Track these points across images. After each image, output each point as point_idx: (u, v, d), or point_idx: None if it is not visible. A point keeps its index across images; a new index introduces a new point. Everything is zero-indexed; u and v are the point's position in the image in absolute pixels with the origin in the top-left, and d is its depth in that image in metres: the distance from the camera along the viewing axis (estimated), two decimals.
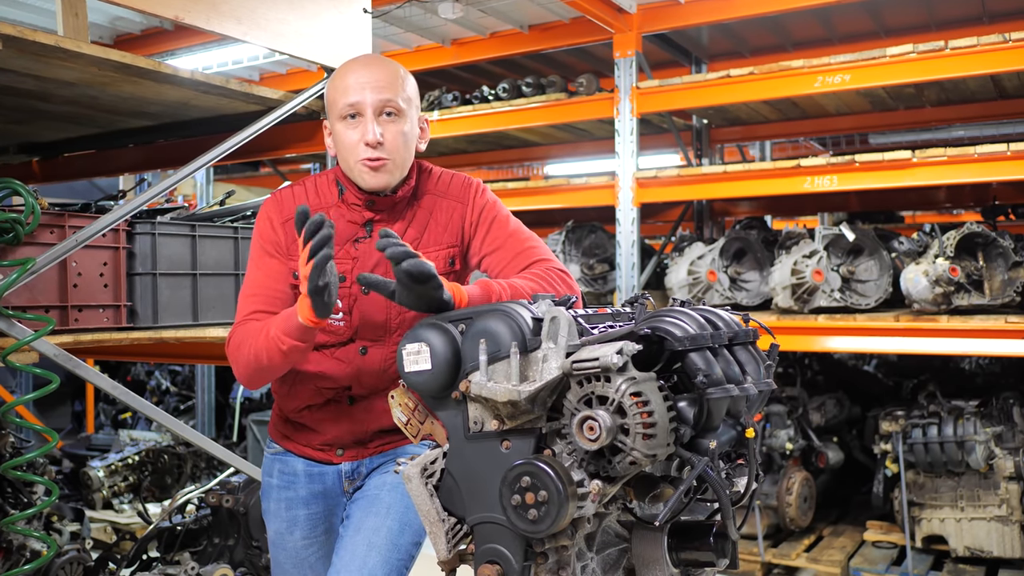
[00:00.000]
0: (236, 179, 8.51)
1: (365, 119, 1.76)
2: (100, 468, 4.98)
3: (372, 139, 1.74)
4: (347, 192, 1.84)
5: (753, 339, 1.47)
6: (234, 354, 1.77)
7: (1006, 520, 4.25)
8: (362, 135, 1.76)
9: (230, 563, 3.39)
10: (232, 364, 1.79)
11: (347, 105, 1.77)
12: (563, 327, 1.32)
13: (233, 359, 1.77)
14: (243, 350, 1.74)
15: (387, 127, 1.77)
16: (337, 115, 1.79)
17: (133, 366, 7.56)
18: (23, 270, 2.48)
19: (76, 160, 4.31)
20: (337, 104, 1.79)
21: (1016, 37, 3.84)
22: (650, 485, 1.43)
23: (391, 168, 1.78)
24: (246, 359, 1.74)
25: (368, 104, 1.76)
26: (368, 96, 1.76)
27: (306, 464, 1.93)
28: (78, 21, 2.56)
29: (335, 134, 1.82)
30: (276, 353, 1.68)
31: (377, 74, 1.78)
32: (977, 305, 4.11)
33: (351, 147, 1.77)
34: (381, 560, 1.76)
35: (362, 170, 1.78)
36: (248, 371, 1.75)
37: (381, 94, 1.76)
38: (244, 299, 1.83)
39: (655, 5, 4.85)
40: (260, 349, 1.70)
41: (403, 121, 1.80)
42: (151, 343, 3.06)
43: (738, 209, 6.12)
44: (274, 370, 1.74)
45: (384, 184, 1.79)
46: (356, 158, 1.77)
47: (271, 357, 1.69)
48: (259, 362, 1.71)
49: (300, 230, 1.54)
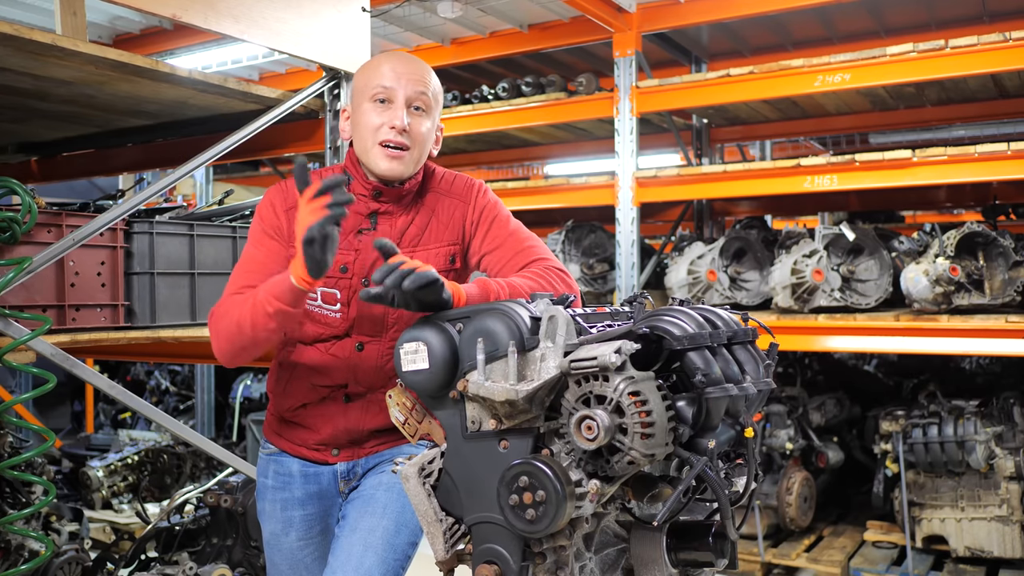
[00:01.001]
0: (236, 179, 8.50)
1: (395, 106, 1.78)
2: (99, 468, 4.97)
3: (400, 124, 1.76)
4: (354, 182, 1.84)
5: (752, 338, 1.46)
6: (216, 324, 1.72)
7: (1007, 520, 4.24)
8: (389, 119, 1.77)
9: (228, 563, 3.39)
10: (213, 337, 1.74)
11: (381, 87, 1.78)
12: (561, 326, 1.31)
13: (215, 330, 1.73)
14: (225, 319, 1.70)
15: (414, 119, 1.79)
16: (367, 96, 1.79)
17: (133, 366, 7.55)
18: (20, 269, 2.47)
19: (75, 159, 4.30)
20: (369, 85, 1.79)
21: (1016, 36, 3.84)
22: (649, 485, 1.43)
23: (408, 160, 1.79)
24: (227, 328, 1.69)
25: (402, 92, 1.78)
26: (404, 85, 1.78)
27: (301, 464, 1.91)
28: (76, 20, 2.55)
29: (359, 115, 1.81)
30: (261, 317, 1.63)
31: (413, 68, 1.81)
32: (977, 305, 4.11)
33: (374, 128, 1.78)
34: (377, 560, 1.76)
35: (380, 153, 1.78)
36: (229, 342, 1.70)
37: (416, 87, 1.79)
38: (236, 275, 1.79)
39: (655, 4, 4.84)
40: (244, 316, 1.66)
41: (428, 119, 1.82)
42: (149, 343, 3.05)
43: (738, 209, 6.12)
44: (257, 342, 1.68)
45: (398, 173, 1.79)
46: (377, 139, 1.77)
47: (255, 323, 1.64)
48: (241, 331, 1.66)
49: (301, 183, 1.53)
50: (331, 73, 3.32)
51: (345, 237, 1.80)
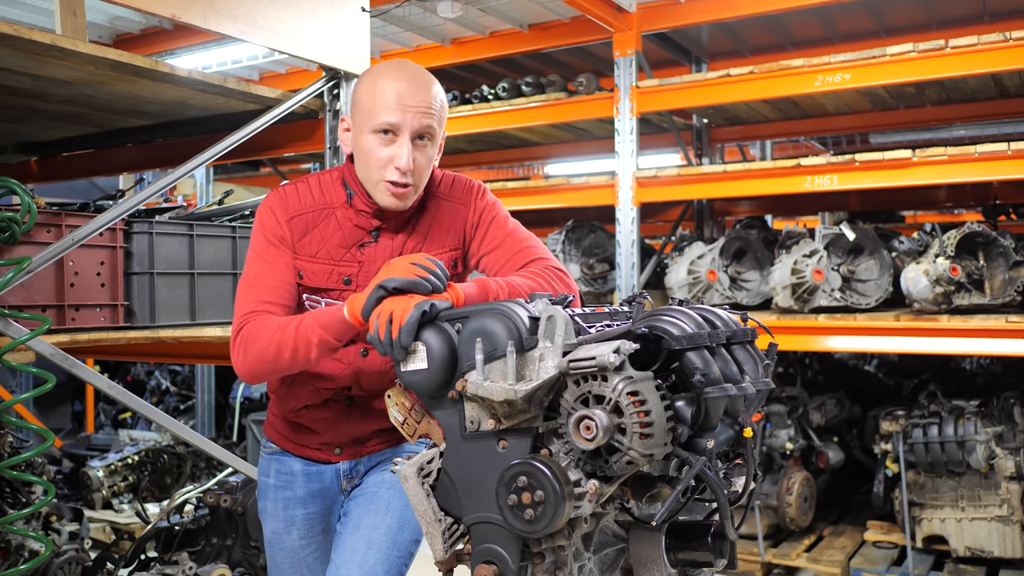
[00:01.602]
0: (236, 179, 8.50)
1: (400, 140, 1.70)
2: (99, 468, 4.97)
3: (405, 165, 1.70)
4: (356, 197, 1.80)
5: (751, 338, 1.46)
6: (248, 345, 1.69)
7: (1007, 520, 4.24)
8: (394, 157, 1.70)
9: (228, 563, 3.39)
10: (239, 354, 1.70)
11: (386, 122, 1.70)
12: (560, 326, 1.31)
13: (246, 351, 1.69)
14: (260, 342, 1.67)
15: (419, 152, 1.72)
16: (370, 127, 1.71)
17: (133, 366, 7.55)
18: (19, 269, 2.47)
19: (74, 159, 4.30)
20: (374, 116, 1.71)
21: (1017, 36, 3.83)
22: (648, 485, 1.42)
23: (411, 193, 1.76)
24: (261, 349, 1.67)
25: (408, 128, 1.70)
26: (409, 120, 1.70)
27: (304, 463, 1.92)
28: (76, 20, 2.55)
29: (362, 144, 1.74)
30: (303, 344, 1.63)
31: (421, 96, 1.71)
32: (978, 305, 4.10)
33: (379, 164, 1.72)
34: (381, 558, 1.76)
35: (385, 190, 1.73)
36: (258, 363, 1.68)
37: (422, 120, 1.71)
38: (250, 289, 1.75)
39: (655, 4, 4.84)
40: (285, 341, 1.64)
41: (433, 145, 1.77)
42: (148, 343, 3.05)
43: (738, 208, 6.12)
44: (289, 365, 1.67)
45: (402, 208, 1.77)
46: (382, 177, 1.72)
47: (296, 350, 1.63)
48: (279, 355, 1.65)
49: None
50: (331, 73, 3.31)
51: (348, 249, 1.80)
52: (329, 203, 1.81)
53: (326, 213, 1.80)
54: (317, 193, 1.82)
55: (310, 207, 1.80)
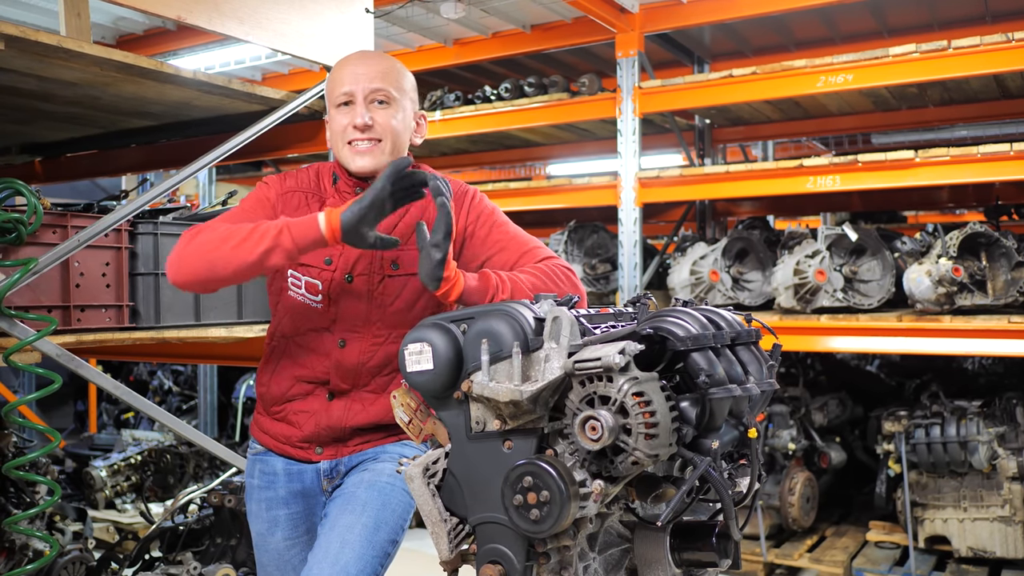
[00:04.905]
0: (239, 179, 8.51)
1: (355, 105, 1.84)
2: (103, 468, 4.99)
3: (360, 122, 1.82)
4: (340, 180, 1.91)
5: (755, 339, 1.47)
6: (190, 240, 1.74)
7: (1009, 520, 4.24)
8: (351, 119, 1.83)
9: (232, 563, 3.39)
10: (182, 254, 1.75)
11: (341, 93, 1.84)
12: (565, 327, 1.32)
13: (189, 246, 1.74)
14: (206, 235, 1.73)
15: (377, 112, 1.84)
16: (332, 103, 1.87)
17: (136, 366, 7.56)
18: (25, 270, 2.48)
19: (78, 160, 4.31)
20: (333, 93, 1.87)
21: (1019, 37, 3.83)
22: (652, 485, 1.43)
23: (379, 152, 1.84)
24: (206, 239, 1.71)
25: (359, 92, 1.83)
26: (361, 85, 1.83)
27: (285, 463, 1.93)
28: (80, 21, 2.56)
29: (330, 122, 1.90)
30: (256, 235, 1.67)
31: (371, 65, 1.86)
32: (980, 305, 4.10)
33: (341, 131, 1.85)
34: (354, 556, 1.74)
35: (348, 153, 1.85)
36: (204, 257, 1.71)
37: (372, 83, 1.84)
38: (219, 219, 1.82)
39: (657, 5, 4.84)
40: (235, 231, 1.69)
41: (394, 109, 1.86)
42: (153, 343, 3.05)
43: (741, 209, 6.12)
44: (230, 256, 1.69)
45: (371, 167, 1.83)
46: (345, 140, 1.85)
47: (246, 239, 1.67)
48: (222, 242, 1.69)
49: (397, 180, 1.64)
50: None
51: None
52: (322, 188, 1.92)
53: (318, 197, 1.90)
54: (314, 178, 1.94)
55: (305, 188, 1.92)
